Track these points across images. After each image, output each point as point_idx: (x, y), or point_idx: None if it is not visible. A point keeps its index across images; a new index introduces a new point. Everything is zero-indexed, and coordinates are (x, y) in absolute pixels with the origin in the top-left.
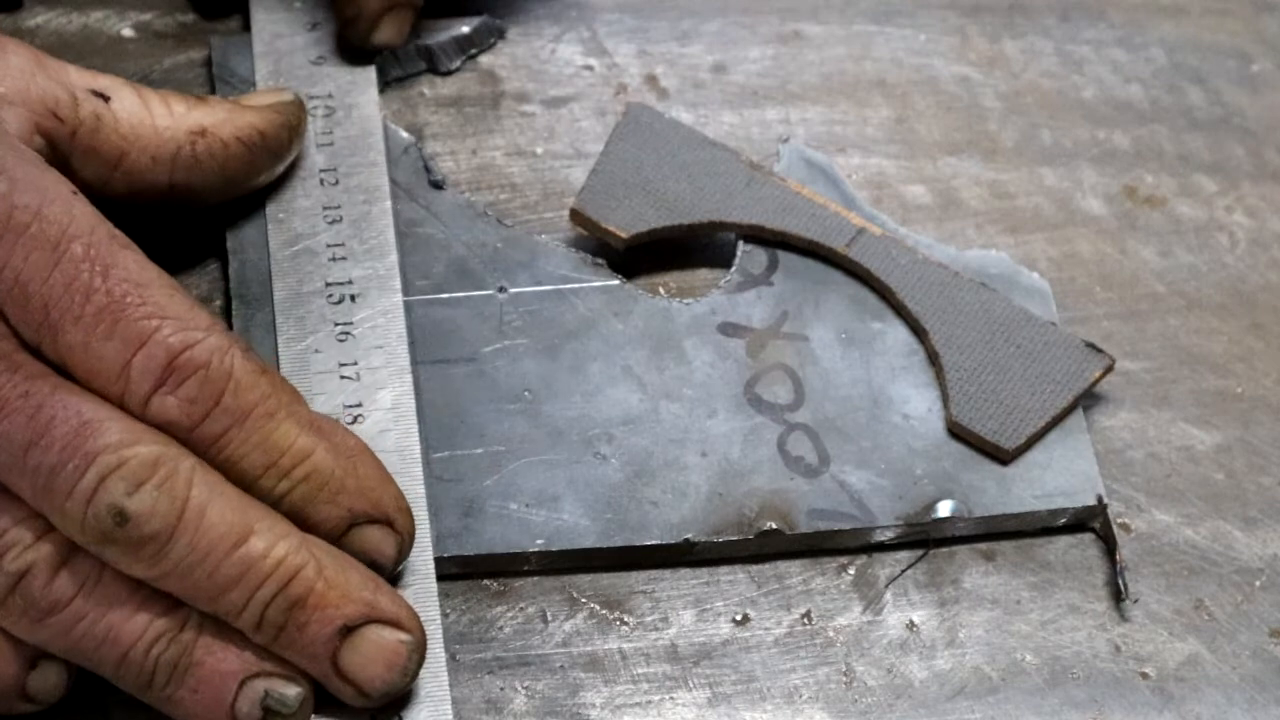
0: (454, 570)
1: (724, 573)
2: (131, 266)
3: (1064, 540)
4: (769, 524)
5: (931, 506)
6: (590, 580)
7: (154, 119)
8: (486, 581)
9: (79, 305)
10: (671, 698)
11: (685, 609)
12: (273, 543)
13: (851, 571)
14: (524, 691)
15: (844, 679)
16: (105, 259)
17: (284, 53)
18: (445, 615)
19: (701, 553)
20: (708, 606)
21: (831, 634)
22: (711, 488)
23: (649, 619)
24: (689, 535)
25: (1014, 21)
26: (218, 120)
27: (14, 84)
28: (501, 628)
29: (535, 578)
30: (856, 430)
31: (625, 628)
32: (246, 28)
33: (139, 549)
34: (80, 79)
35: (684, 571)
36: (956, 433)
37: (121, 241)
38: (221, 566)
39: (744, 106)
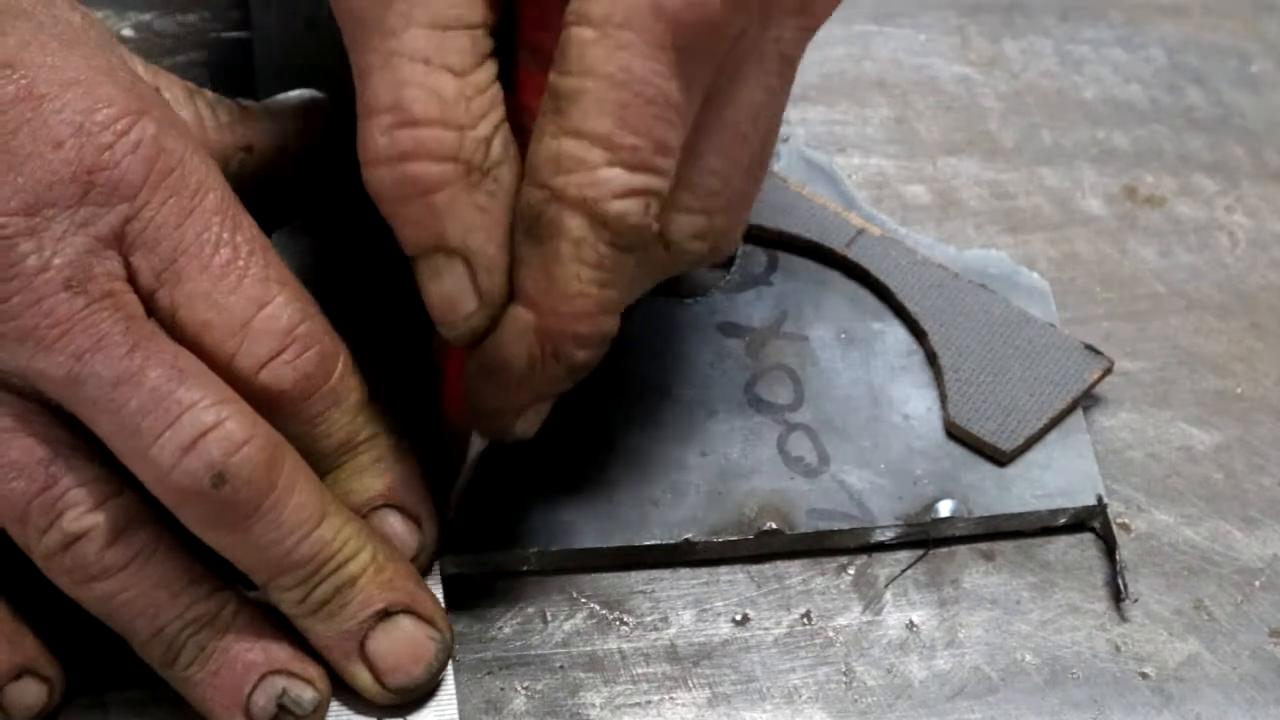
0: (453, 570)
1: (724, 573)
2: (255, 230)
3: (1064, 540)
4: (769, 524)
5: (931, 506)
6: (590, 580)
7: (205, 131)
8: (486, 581)
9: (208, 255)
10: (671, 698)
11: (685, 609)
12: (340, 527)
13: (851, 571)
14: (524, 691)
15: (844, 679)
16: (235, 215)
17: (283, 50)
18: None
19: (701, 552)
20: (707, 606)
21: (831, 634)
22: (711, 487)
23: (649, 619)
24: (689, 535)
25: (1014, 21)
26: (261, 132)
27: (112, 60)
28: (501, 628)
29: (536, 577)
30: (856, 430)
31: (625, 628)
32: (245, 26)
33: (224, 514)
34: (146, 76)
35: (684, 571)
36: (955, 434)
37: (241, 204)
38: (300, 546)
39: None
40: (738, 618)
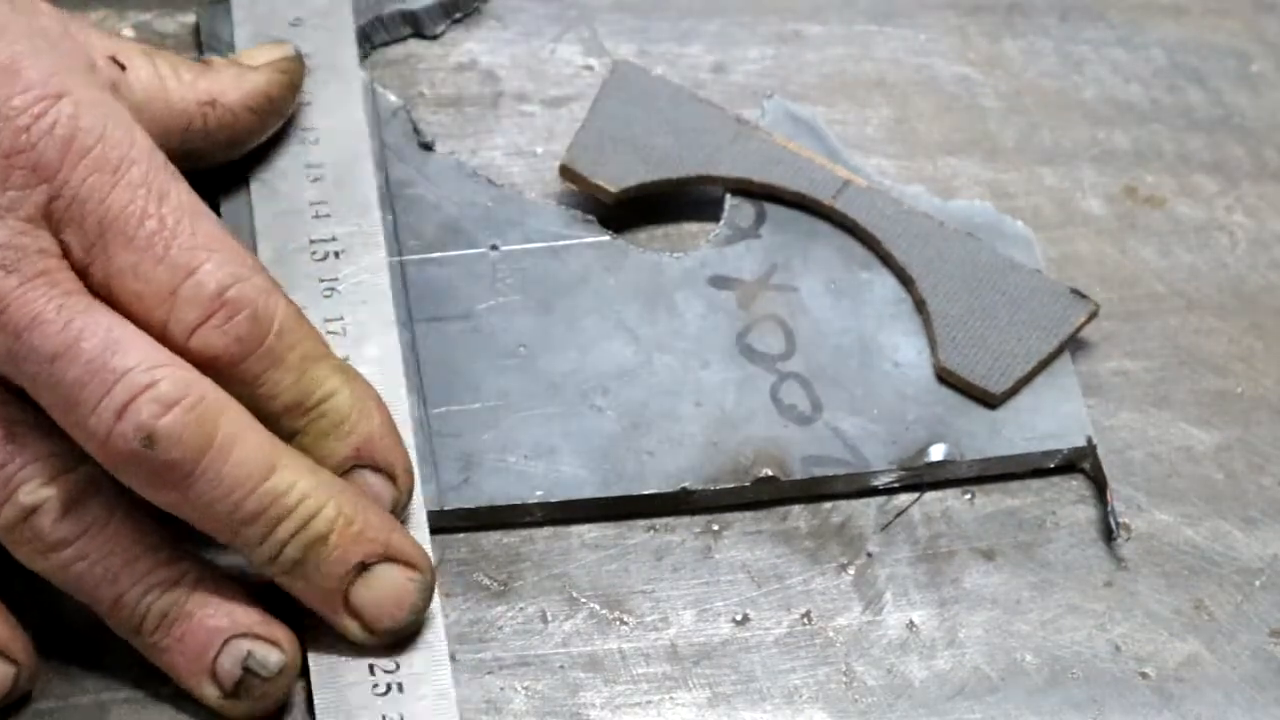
0: (457, 523)
1: (724, 573)
2: (185, 197)
3: (1064, 540)
4: (765, 471)
5: (924, 450)
6: (590, 580)
7: (167, 91)
8: (486, 581)
9: (133, 228)
10: (671, 698)
11: (685, 609)
12: (294, 480)
13: (851, 572)
14: (524, 691)
15: (844, 679)
16: (162, 186)
17: (263, 16)
18: (445, 615)
19: (699, 500)
20: (708, 606)
21: (831, 634)
22: (707, 437)
23: (649, 619)
24: (686, 483)
25: (1014, 21)
26: (225, 87)
27: (37, 44)
28: (501, 628)
29: (535, 578)
30: (848, 378)
31: (625, 628)
32: None
33: (162, 474)
34: (101, 44)
35: (684, 571)
36: (945, 378)
37: (173, 172)
38: (246, 501)
39: (744, 106)
40: (738, 618)
